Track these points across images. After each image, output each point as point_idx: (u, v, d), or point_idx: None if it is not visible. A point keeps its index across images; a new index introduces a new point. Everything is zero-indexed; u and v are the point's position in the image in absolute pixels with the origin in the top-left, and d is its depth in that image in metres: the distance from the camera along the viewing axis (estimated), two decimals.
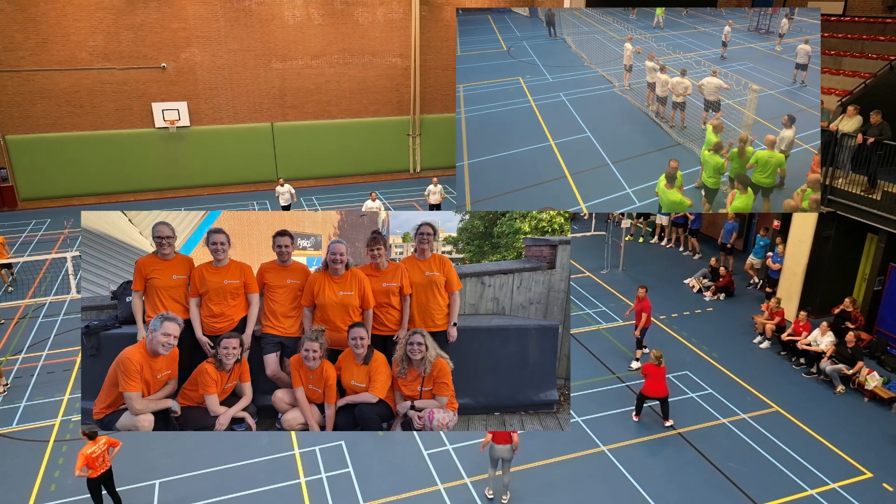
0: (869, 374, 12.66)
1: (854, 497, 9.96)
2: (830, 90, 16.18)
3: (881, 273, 14.36)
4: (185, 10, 23.60)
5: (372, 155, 27.62)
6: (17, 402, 12.26)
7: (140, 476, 10.25)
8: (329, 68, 26.03)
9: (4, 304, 15.36)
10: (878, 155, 13.01)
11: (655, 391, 11.38)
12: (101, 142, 23.93)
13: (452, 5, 26.74)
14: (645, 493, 10.03)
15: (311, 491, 10.04)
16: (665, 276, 18.01)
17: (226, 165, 25.73)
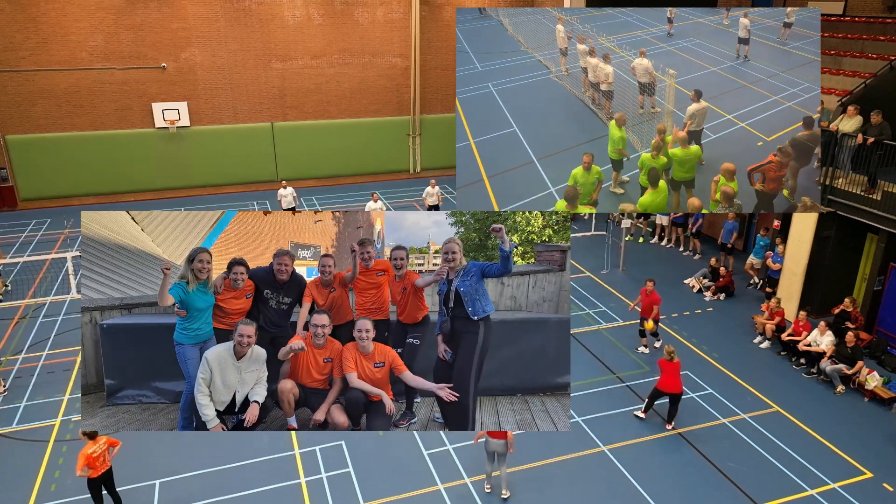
0: (869, 374, 12.66)
1: (854, 497, 9.96)
2: (830, 90, 16.18)
3: (881, 273, 14.36)
4: (185, 10, 23.60)
5: (372, 155, 27.62)
6: (17, 402, 12.26)
7: (140, 476, 10.25)
8: (329, 68, 26.03)
9: (4, 305, 15.35)
10: (879, 155, 13.01)
11: (670, 386, 11.35)
12: (101, 142, 23.93)
13: (452, 5, 26.74)
14: (645, 493, 10.03)
15: (311, 491, 10.04)
16: (665, 276, 18.00)
17: (226, 165, 25.73)
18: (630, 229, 20.45)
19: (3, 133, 22.87)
